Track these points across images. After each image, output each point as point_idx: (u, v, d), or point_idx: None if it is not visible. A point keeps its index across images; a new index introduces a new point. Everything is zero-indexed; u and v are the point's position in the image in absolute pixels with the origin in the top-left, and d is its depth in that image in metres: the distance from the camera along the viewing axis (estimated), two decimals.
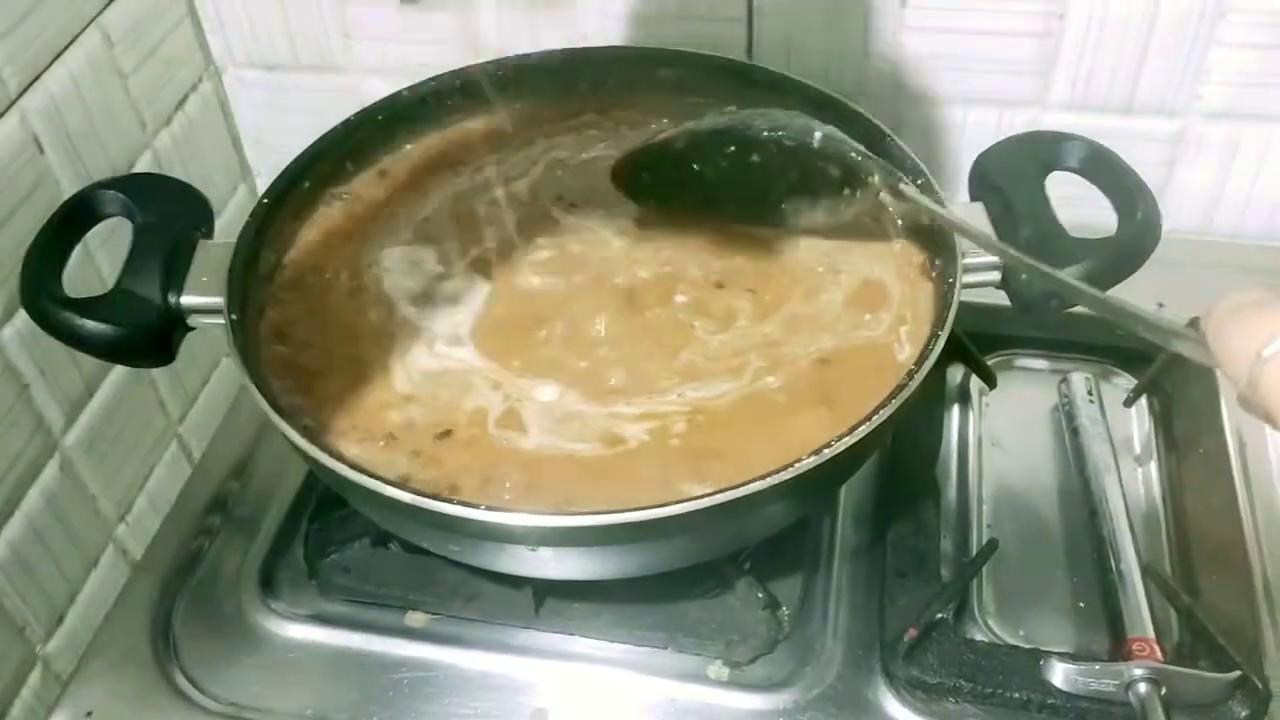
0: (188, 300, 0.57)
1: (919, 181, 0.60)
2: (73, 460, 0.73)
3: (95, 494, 0.76)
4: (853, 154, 0.58)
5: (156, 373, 0.82)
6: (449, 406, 0.55)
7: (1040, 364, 0.74)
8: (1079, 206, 0.58)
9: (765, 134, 0.58)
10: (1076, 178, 0.60)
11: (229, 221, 0.83)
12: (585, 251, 0.63)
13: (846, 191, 0.58)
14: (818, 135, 0.58)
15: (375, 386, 0.56)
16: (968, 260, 0.56)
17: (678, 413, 0.54)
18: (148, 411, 0.81)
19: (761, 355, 0.57)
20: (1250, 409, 0.35)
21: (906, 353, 0.56)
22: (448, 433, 0.54)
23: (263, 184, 0.86)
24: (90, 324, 0.55)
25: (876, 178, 0.57)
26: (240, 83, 0.87)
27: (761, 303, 0.60)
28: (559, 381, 0.56)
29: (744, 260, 0.61)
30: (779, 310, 0.59)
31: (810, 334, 0.58)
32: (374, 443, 0.54)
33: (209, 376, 0.89)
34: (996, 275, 0.57)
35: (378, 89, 0.68)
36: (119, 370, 0.77)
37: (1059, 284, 0.49)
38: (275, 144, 0.89)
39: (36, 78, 0.67)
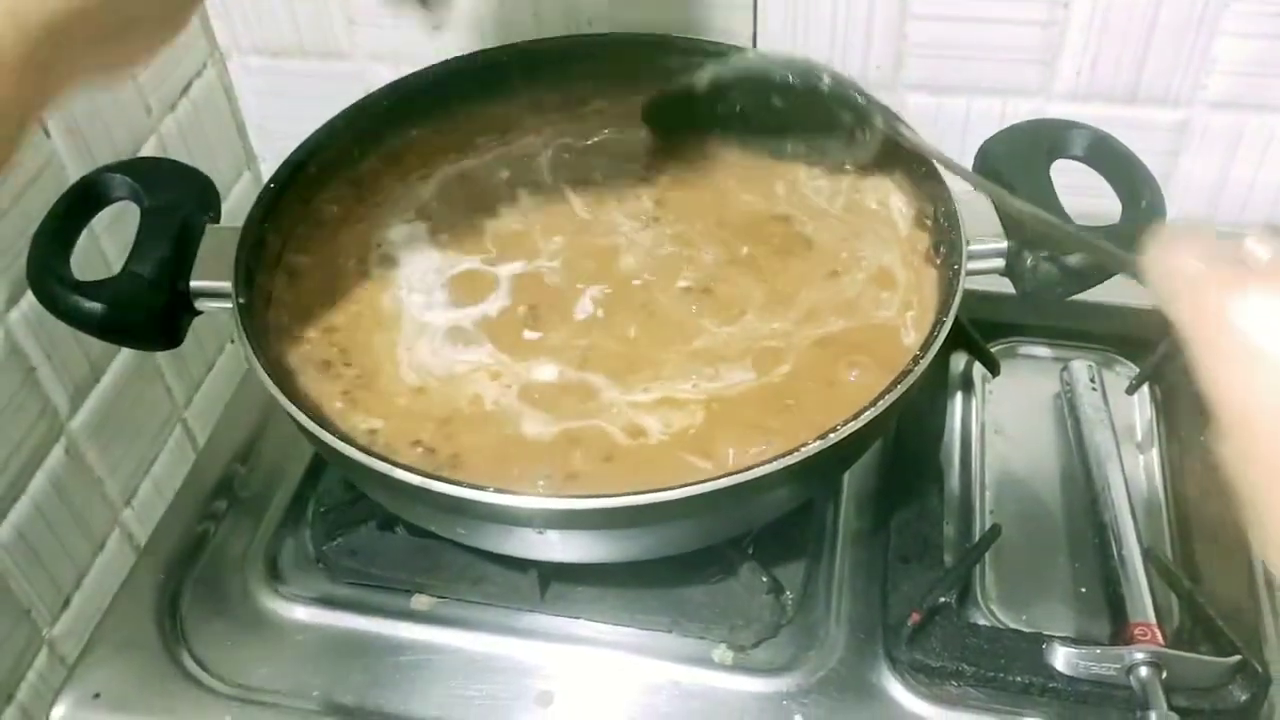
0: (195, 284, 0.57)
1: (923, 169, 0.61)
2: (79, 444, 0.74)
3: (101, 478, 0.76)
4: (858, 96, 0.61)
5: (162, 358, 0.82)
6: (458, 391, 0.55)
7: (1043, 351, 0.75)
8: (1083, 196, 0.58)
9: (779, 78, 0.62)
10: (1080, 167, 0.60)
11: (233, 208, 0.83)
12: (595, 235, 0.63)
13: (856, 134, 0.62)
14: (825, 79, 0.61)
15: (383, 370, 0.57)
16: (972, 247, 0.57)
17: (694, 402, 0.54)
18: (153, 397, 0.82)
19: (772, 340, 0.57)
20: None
21: (912, 338, 0.57)
22: (456, 416, 0.54)
23: (267, 170, 0.87)
24: (98, 306, 0.55)
25: (879, 120, 0.61)
26: (245, 69, 0.87)
27: (773, 289, 0.60)
28: (570, 367, 0.56)
29: (754, 246, 0.62)
30: (790, 297, 0.59)
31: (818, 319, 0.58)
32: (382, 424, 0.54)
33: (213, 363, 0.89)
34: (1001, 262, 0.58)
35: (382, 75, 0.68)
36: (125, 355, 0.77)
37: (1024, 213, 0.53)
38: (279, 131, 0.88)
39: None
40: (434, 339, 0.58)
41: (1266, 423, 0.32)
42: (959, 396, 0.72)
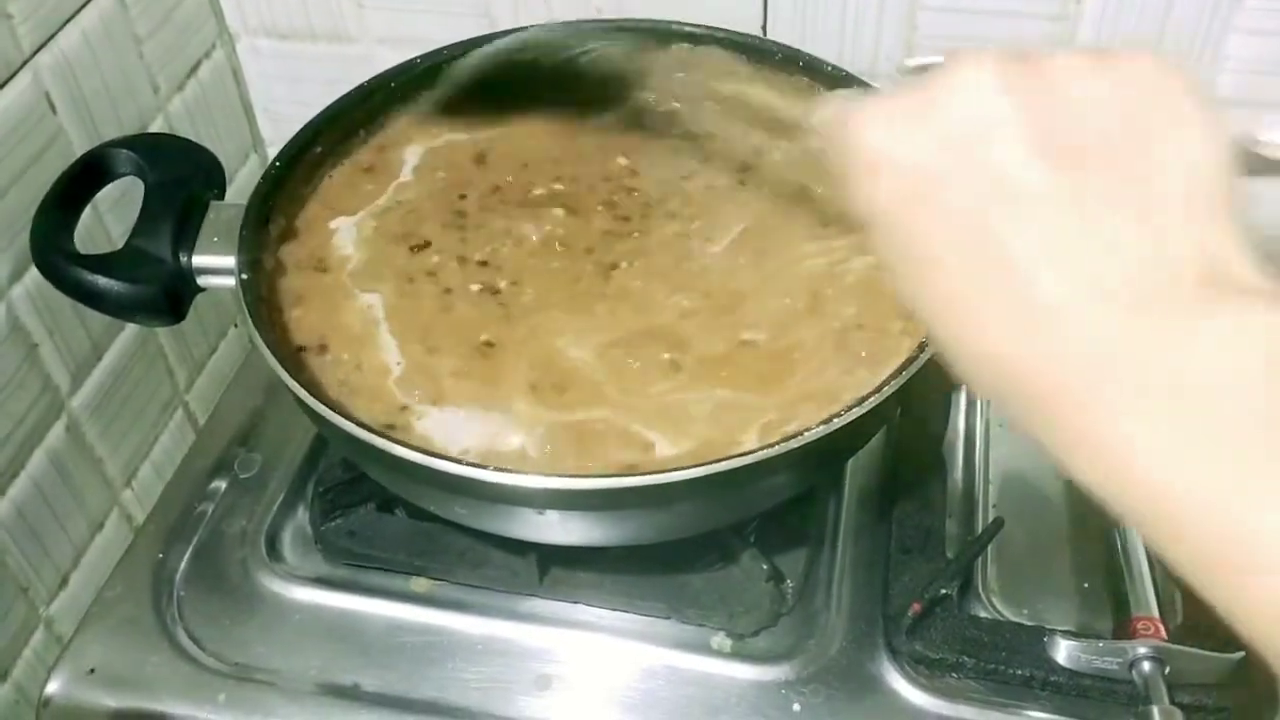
0: (198, 260, 0.57)
1: None
2: (79, 422, 0.73)
3: (101, 458, 0.76)
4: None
5: (164, 339, 0.82)
6: None
7: None
8: None
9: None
10: None
11: (239, 191, 0.83)
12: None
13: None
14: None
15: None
16: None
17: None
18: (155, 377, 0.81)
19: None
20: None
21: None
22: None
23: (274, 154, 0.86)
24: (101, 280, 0.55)
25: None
26: (253, 51, 0.86)
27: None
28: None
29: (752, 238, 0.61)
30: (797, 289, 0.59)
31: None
32: (382, 404, 0.54)
33: (216, 345, 0.89)
34: None
35: (390, 59, 0.68)
36: (127, 334, 0.77)
37: None
38: (287, 114, 0.88)
39: (51, 37, 0.67)
40: None
41: (892, 210, 0.32)
42: (964, 390, 0.72)
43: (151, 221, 0.57)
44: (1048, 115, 0.31)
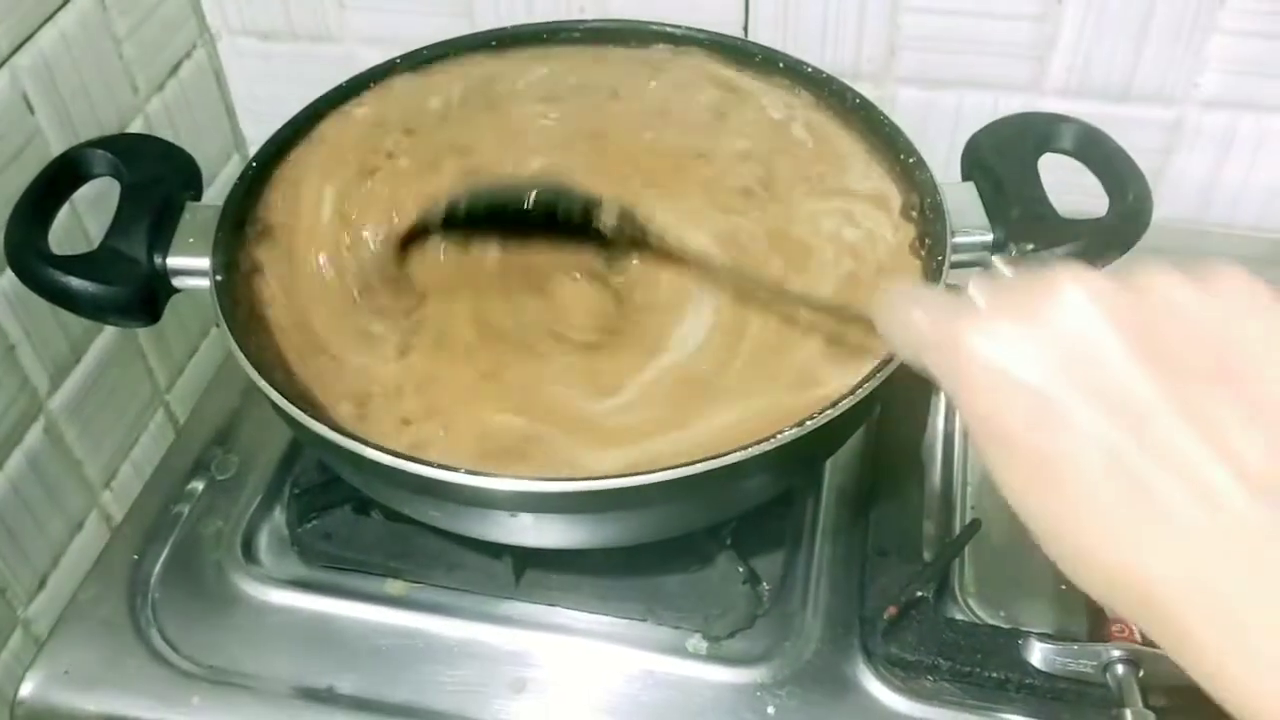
0: (174, 261, 0.56)
1: (911, 160, 0.60)
2: (58, 424, 0.73)
3: (80, 459, 0.76)
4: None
5: (144, 340, 0.81)
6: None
7: None
8: (1073, 193, 0.58)
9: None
10: (1070, 164, 0.59)
11: (221, 192, 0.82)
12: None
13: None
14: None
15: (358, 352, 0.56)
16: (957, 239, 0.56)
17: None
18: (135, 378, 0.81)
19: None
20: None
21: None
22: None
23: None
24: (75, 281, 0.54)
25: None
26: (235, 51, 0.86)
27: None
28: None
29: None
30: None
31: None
32: (356, 407, 0.53)
33: (197, 345, 0.88)
34: (986, 254, 0.57)
35: (372, 59, 0.68)
36: (106, 335, 0.77)
37: None
38: (268, 114, 0.87)
39: (29, 37, 0.67)
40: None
41: (1018, 431, 0.33)
42: (943, 391, 0.71)
43: (127, 222, 0.57)
44: (1150, 333, 0.32)
